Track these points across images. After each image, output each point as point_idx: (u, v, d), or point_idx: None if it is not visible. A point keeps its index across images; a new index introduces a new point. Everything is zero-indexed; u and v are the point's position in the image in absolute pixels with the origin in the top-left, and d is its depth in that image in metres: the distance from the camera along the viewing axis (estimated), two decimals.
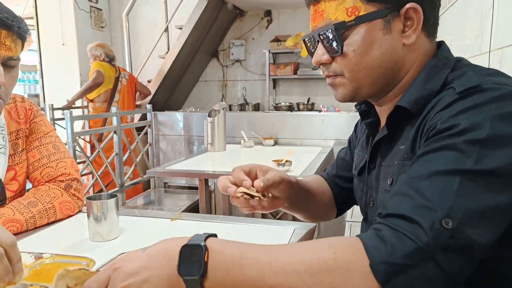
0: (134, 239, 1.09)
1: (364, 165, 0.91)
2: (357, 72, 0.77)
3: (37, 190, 1.23)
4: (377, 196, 0.85)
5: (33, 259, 0.91)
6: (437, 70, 0.76)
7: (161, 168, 2.22)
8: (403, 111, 0.76)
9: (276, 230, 1.14)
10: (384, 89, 0.81)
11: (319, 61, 0.81)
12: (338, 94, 0.82)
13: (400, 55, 0.76)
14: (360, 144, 1.00)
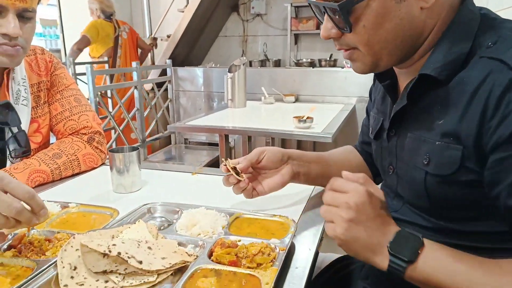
0: (156, 191, 1.11)
1: (381, 129, 0.86)
2: (371, 46, 0.71)
3: (61, 142, 1.25)
4: (397, 165, 0.81)
5: (59, 208, 0.93)
6: (463, 29, 0.68)
7: (181, 124, 2.23)
8: (428, 79, 0.70)
9: (296, 186, 1.13)
10: (405, 57, 0.74)
11: (327, 35, 0.73)
12: (356, 67, 0.76)
13: (418, 20, 0.68)
14: (375, 106, 0.94)
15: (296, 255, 0.76)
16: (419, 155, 0.73)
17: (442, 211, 0.74)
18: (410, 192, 0.79)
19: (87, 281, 0.67)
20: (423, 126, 0.73)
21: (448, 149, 0.67)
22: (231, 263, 0.70)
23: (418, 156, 0.73)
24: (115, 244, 0.70)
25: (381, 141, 0.87)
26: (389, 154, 0.84)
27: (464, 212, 0.71)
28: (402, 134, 0.79)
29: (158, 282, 0.67)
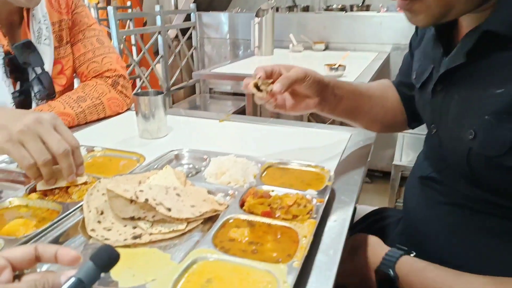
0: (182, 138, 1.06)
1: (428, 79, 0.74)
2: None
3: (85, 85, 1.20)
4: (440, 127, 0.70)
5: (85, 151, 0.90)
6: None
7: (207, 71, 2.14)
8: (494, 35, 0.57)
9: (331, 135, 1.06)
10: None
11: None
12: (417, 20, 0.63)
13: None
14: (423, 46, 0.80)
15: (334, 207, 0.71)
16: (464, 127, 0.62)
17: (487, 187, 0.64)
18: (452, 162, 0.69)
19: (114, 226, 0.64)
20: (475, 92, 0.61)
21: (500, 128, 0.56)
22: (265, 214, 0.65)
23: (463, 128, 0.63)
24: (142, 190, 0.66)
25: (425, 92, 0.75)
26: (432, 111, 0.73)
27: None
28: (449, 93, 0.67)
29: (188, 231, 0.64)
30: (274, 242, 0.58)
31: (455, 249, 0.69)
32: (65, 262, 0.43)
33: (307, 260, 0.55)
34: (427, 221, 0.74)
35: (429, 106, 0.74)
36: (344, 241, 0.61)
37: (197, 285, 0.50)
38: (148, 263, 0.57)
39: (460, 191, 0.69)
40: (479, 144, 0.60)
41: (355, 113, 0.92)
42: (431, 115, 0.74)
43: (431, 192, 0.74)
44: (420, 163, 0.82)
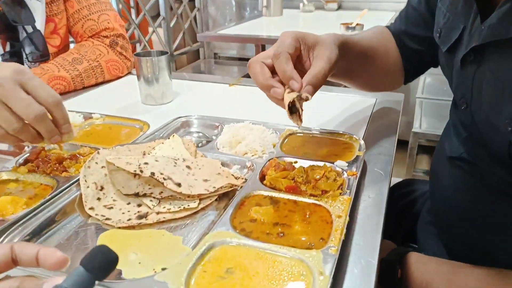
0: (190, 104, 0.96)
1: (457, 43, 0.59)
2: None
3: (81, 46, 1.09)
4: (472, 102, 0.57)
5: (82, 119, 0.81)
6: None
7: (212, 32, 2.00)
8: None
9: (355, 100, 0.95)
10: None
11: None
12: None
13: None
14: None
15: (367, 181, 0.62)
16: (500, 114, 0.51)
17: None
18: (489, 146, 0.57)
19: (116, 204, 0.56)
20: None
21: None
22: (290, 189, 0.56)
23: (499, 115, 0.51)
24: (147, 163, 0.57)
25: (453, 59, 0.61)
26: (462, 82, 0.60)
27: None
28: (482, 68, 0.54)
29: (201, 209, 0.55)
30: (303, 223, 0.50)
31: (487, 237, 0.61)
32: (48, 266, 0.34)
33: (344, 246, 0.47)
34: (458, 206, 0.65)
35: (458, 77, 0.61)
36: (383, 221, 0.53)
37: (215, 276, 0.42)
38: (157, 247, 0.48)
39: (496, 175, 0.58)
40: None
41: (354, 75, 0.78)
42: (462, 86, 0.60)
43: (463, 174, 0.63)
44: (448, 139, 0.69)
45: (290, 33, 0.59)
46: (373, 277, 0.43)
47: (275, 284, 0.40)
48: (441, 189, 0.71)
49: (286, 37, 0.58)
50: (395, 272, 0.63)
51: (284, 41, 0.58)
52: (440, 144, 0.75)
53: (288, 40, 0.57)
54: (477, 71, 0.55)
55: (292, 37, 0.58)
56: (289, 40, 0.57)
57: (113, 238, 0.50)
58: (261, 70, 0.58)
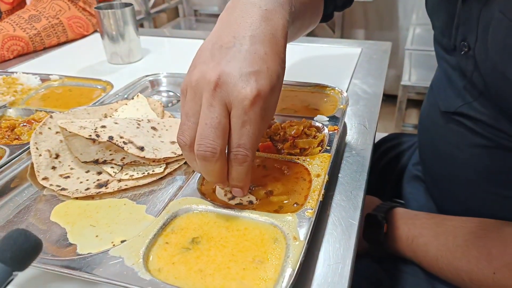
0: (161, 62, 0.88)
1: None
2: None
3: (38, 1, 0.99)
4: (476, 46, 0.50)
5: (39, 81, 0.73)
6: None
7: None
8: None
9: (338, 51, 0.89)
10: None
11: None
12: None
13: None
14: None
15: (350, 136, 0.57)
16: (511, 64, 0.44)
17: None
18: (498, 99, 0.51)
19: (74, 172, 0.51)
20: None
21: None
22: (265, 149, 0.51)
23: (510, 63, 0.45)
24: (105, 126, 0.51)
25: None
26: (464, 22, 0.52)
27: None
28: (491, 3, 0.47)
29: (167, 174, 0.50)
30: (278, 184, 0.45)
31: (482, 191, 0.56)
32: None
33: (323, 207, 0.43)
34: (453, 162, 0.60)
35: (458, 15, 0.53)
36: (366, 178, 0.48)
37: (179, 248, 0.37)
38: (117, 218, 0.44)
39: (502, 130, 0.52)
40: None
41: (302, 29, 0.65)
42: (462, 28, 0.53)
43: (461, 130, 0.58)
44: (441, 92, 0.63)
45: None
46: (354, 239, 0.39)
47: (245, 253, 0.36)
48: (432, 145, 0.66)
49: None
50: (381, 227, 0.60)
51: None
52: (430, 97, 0.67)
53: None
54: (484, 9, 0.47)
55: None
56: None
57: (68, 210, 0.45)
58: None
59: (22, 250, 0.27)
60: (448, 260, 0.52)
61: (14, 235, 0.27)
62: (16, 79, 0.72)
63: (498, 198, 0.54)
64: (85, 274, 0.34)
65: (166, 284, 0.33)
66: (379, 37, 2.36)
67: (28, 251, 0.27)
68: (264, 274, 0.34)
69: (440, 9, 0.58)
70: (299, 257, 0.34)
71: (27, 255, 0.27)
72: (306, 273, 0.36)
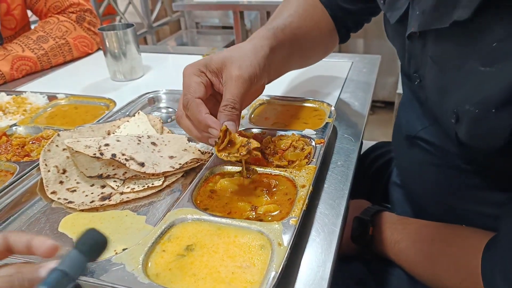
0: (161, 79, 0.93)
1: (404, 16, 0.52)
2: None
3: (45, 23, 1.04)
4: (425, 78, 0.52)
5: (46, 100, 0.78)
6: None
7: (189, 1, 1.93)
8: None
9: (330, 64, 0.93)
10: None
11: None
12: None
13: None
14: None
15: (337, 148, 0.61)
16: (444, 101, 0.47)
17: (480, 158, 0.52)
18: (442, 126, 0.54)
19: (80, 186, 0.55)
20: (453, 58, 0.44)
21: (489, 121, 0.40)
22: (256, 161, 0.55)
23: (443, 101, 0.48)
24: (108, 144, 0.55)
25: (400, 33, 0.55)
26: (412, 58, 0.55)
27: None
28: (426, 48, 0.49)
29: (166, 187, 0.54)
30: (267, 195, 0.49)
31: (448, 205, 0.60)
32: (41, 253, 0.34)
33: (307, 215, 0.46)
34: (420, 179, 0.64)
35: (407, 51, 0.55)
36: (349, 187, 0.52)
37: (175, 255, 0.41)
38: (119, 228, 0.48)
39: (446, 149, 0.56)
40: (465, 133, 0.45)
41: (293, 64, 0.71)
42: (412, 60, 0.55)
43: (421, 153, 0.60)
44: (405, 116, 0.65)
45: (191, 70, 0.52)
46: (335, 244, 0.43)
47: (234, 259, 0.40)
48: (402, 163, 0.70)
49: (188, 78, 0.52)
50: (367, 230, 0.63)
51: (188, 85, 0.51)
52: (397, 121, 0.69)
53: (192, 82, 0.51)
54: (425, 47, 0.50)
55: (194, 75, 0.51)
56: (192, 82, 0.51)
57: (75, 222, 0.49)
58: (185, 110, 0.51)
59: (96, 244, 0.32)
60: (425, 266, 0.56)
61: (90, 232, 0.33)
62: (25, 98, 0.77)
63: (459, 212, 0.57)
64: (91, 279, 0.38)
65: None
66: (378, 46, 2.40)
67: (99, 245, 0.33)
68: (250, 278, 0.38)
69: (396, 41, 0.61)
70: (282, 261, 0.38)
71: (98, 248, 0.33)
72: (289, 276, 0.40)
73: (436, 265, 0.54)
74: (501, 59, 0.38)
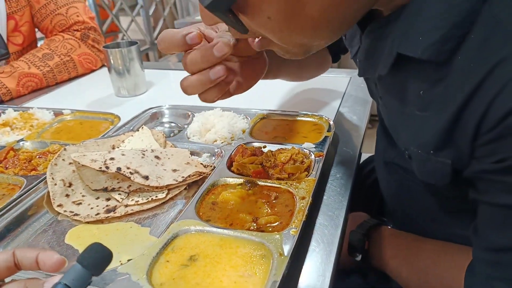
0: (164, 94, 0.95)
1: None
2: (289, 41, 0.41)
3: (51, 41, 1.07)
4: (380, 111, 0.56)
5: (52, 115, 0.80)
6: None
7: (191, 18, 1.98)
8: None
9: (328, 79, 0.95)
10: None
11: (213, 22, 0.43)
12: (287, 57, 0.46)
13: None
14: None
15: (336, 161, 0.62)
16: (399, 141, 0.50)
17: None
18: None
19: (85, 199, 0.56)
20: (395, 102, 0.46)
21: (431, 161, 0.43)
22: (257, 174, 0.56)
23: (398, 141, 0.51)
24: (114, 158, 0.57)
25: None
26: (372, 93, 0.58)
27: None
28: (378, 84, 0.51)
29: (169, 199, 0.56)
30: (268, 207, 0.50)
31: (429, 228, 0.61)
32: (47, 268, 0.35)
33: (307, 226, 0.48)
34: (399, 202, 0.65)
35: (368, 87, 0.59)
36: (348, 198, 0.54)
37: (178, 265, 0.42)
38: (124, 239, 0.49)
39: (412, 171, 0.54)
40: (416, 170, 0.47)
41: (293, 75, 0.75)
42: (374, 97, 0.59)
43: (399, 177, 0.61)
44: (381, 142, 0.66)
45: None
46: (334, 254, 0.44)
47: (237, 268, 0.41)
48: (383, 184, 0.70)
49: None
50: (363, 244, 0.64)
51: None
52: (376, 143, 0.70)
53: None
54: (376, 89, 0.52)
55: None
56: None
57: (81, 234, 0.51)
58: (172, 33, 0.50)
59: (99, 258, 0.33)
60: (415, 284, 0.56)
61: (93, 246, 0.33)
62: (32, 114, 0.79)
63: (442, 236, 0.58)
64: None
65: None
66: None
67: (103, 260, 0.33)
68: (252, 286, 0.39)
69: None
70: (282, 270, 0.39)
71: (102, 263, 0.33)
72: (290, 286, 0.41)
73: (426, 281, 0.54)
74: (430, 107, 0.40)
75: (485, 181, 0.39)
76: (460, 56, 0.36)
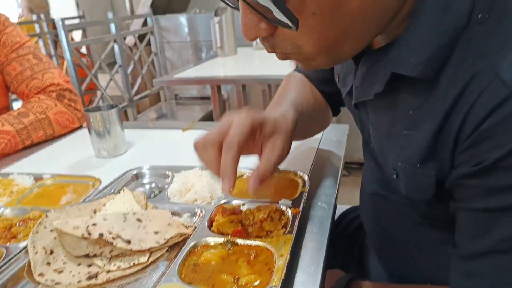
0: (144, 154, 0.98)
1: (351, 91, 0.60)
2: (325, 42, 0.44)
3: (28, 102, 1.10)
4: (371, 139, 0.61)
5: (32, 180, 0.81)
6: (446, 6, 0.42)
7: (169, 77, 2.05)
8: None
9: None
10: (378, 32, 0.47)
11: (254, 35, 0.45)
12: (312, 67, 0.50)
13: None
14: None
15: (312, 215, 0.65)
16: (387, 161, 0.55)
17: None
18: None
19: (67, 266, 0.56)
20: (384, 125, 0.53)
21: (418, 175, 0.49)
22: (236, 233, 0.59)
23: (386, 161, 0.56)
24: (96, 224, 0.58)
25: (351, 103, 0.61)
26: (362, 123, 0.63)
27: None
28: (370, 112, 0.57)
29: (151, 262, 0.57)
30: (248, 266, 0.52)
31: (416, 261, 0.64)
32: None
33: (286, 284, 0.49)
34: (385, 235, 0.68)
35: (358, 120, 0.64)
36: (324, 254, 0.56)
37: None
38: None
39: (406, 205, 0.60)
40: (403, 186, 0.52)
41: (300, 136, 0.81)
42: (364, 128, 0.64)
43: (383, 208, 0.66)
44: (366, 176, 0.71)
45: (249, 119, 0.55)
46: None
47: None
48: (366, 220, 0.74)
49: (243, 123, 0.54)
50: None
51: (241, 126, 0.54)
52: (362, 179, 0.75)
53: (245, 128, 0.54)
54: (367, 118, 0.59)
55: (249, 125, 0.54)
56: (245, 129, 0.54)
57: None
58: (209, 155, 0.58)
59: None
60: None
61: None
62: (12, 180, 0.79)
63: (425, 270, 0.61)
64: None
65: None
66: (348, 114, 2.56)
67: None
68: None
69: (351, 110, 0.68)
70: None
71: None
72: None
73: None
74: (417, 124, 0.47)
75: (463, 187, 0.44)
76: (442, 76, 0.43)
